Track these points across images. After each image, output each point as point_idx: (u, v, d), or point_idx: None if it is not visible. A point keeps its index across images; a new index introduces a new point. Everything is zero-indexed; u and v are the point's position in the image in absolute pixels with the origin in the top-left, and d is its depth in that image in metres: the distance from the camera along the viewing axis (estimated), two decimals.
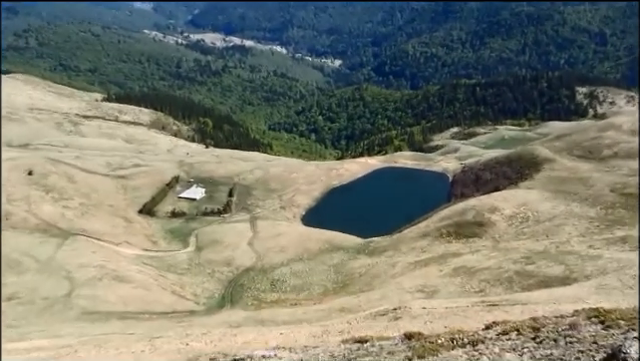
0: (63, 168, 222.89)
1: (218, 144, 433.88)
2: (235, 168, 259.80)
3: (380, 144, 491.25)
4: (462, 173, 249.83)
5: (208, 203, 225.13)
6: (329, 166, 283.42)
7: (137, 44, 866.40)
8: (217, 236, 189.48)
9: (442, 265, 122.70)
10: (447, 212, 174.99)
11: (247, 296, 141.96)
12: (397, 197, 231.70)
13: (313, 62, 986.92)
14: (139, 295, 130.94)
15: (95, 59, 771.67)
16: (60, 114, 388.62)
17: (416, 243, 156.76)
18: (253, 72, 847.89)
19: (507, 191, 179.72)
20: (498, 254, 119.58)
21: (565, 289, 75.77)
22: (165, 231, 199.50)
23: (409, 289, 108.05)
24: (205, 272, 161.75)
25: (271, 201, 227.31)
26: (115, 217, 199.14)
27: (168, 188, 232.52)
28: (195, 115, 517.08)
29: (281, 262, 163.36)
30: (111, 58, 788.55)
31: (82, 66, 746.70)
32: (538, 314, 31.50)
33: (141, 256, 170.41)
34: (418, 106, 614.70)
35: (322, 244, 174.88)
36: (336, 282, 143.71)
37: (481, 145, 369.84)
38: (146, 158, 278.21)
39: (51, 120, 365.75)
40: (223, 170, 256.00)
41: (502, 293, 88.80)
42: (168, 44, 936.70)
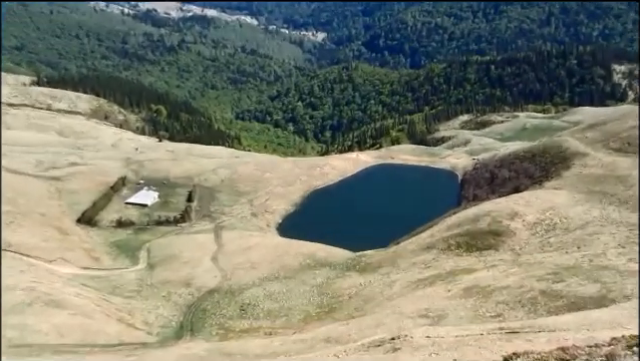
0: None
1: (174, 137, 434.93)
2: (196, 166, 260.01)
3: (373, 135, 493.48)
4: (474, 170, 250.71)
5: (163, 210, 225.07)
6: (311, 163, 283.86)
7: (73, 15, 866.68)
8: (174, 251, 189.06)
9: (450, 284, 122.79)
10: (456, 219, 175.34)
11: (211, 324, 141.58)
12: (394, 202, 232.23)
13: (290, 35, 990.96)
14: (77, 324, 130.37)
15: (22, 33, 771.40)
16: None
17: (418, 258, 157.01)
18: (217, 48, 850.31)
19: (530, 193, 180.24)
20: (519, 270, 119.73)
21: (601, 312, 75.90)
22: (110, 245, 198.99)
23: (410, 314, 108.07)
24: (159, 295, 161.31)
25: (240, 207, 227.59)
26: (47, 228, 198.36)
27: (113, 192, 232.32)
28: (146, 101, 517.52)
29: (253, 282, 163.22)
30: (41, 32, 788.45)
31: (5, 42, 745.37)
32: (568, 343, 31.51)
33: (79, 276, 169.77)
34: (419, 88, 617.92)
35: (303, 259, 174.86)
36: (320, 306, 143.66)
37: (498, 136, 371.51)
38: (85, 155, 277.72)
39: None
40: (181, 169, 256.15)
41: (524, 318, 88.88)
42: (112, 15, 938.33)
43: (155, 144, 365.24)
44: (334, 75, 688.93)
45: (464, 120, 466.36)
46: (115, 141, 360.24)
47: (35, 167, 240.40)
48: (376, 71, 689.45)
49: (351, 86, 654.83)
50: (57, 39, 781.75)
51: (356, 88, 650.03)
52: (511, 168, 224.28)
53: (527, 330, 65.22)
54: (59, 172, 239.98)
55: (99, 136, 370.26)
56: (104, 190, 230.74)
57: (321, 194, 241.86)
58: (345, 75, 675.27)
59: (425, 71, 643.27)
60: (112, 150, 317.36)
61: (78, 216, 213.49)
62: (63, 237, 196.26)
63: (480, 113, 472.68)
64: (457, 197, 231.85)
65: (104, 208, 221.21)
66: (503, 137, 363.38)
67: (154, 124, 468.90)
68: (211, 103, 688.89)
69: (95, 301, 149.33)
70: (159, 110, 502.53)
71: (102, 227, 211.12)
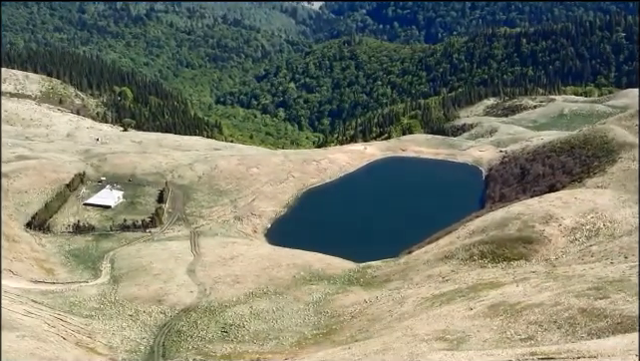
0: None
1: (143, 125, 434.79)
2: (168, 160, 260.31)
3: (381, 123, 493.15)
4: (501, 165, 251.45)
5: (129, 213, 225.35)
6: (306, 156, 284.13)
7: None
8: (143, 261, 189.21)
9: (472, 301, 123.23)
10: (479, 224, 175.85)
11: (187, 348, 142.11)
12: (406, 203, 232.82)
13: (281, 4, 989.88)
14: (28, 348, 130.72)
15: None
16: None
17: (434, 270, 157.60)
18: (193, 18, 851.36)
19: (568, 193, 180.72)
20: (555, 285, 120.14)
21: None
22: (66, 254, 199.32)
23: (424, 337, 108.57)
24: (125, 314, 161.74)
25: (221, 209, 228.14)
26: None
27: (70, 192, 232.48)
28: (108, 82, 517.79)
29: (237, 299, 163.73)
30: None
31: None
32: None
33: (29, 291, 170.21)
34: (436, 67, 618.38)
35: (296, 272, 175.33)
36: (317, 327, 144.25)
37: (530, 124, 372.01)
38: (35, 146, 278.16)
39: None
40: (150, 163, 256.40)
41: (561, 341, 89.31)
42: None
43: (119, 133, 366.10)
44: (333, 51, 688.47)
45: (489, 104, 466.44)
46: (71, 130, 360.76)
47: None
48: (384, 46, 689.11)
49: (354, 64, 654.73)
50: None
51: (360, 66, 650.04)
52: (546, 162, 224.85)
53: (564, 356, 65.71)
54: (4, 167, 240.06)
55: (52, 124, 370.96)
56: (58, 189, 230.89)
57: (318, 194, 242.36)
58: (347, 51, 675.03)
59: (442, 46, 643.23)
60: (67, 140, 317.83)
61: (27, 220, 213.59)
62: (9, 245, 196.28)
63: (509, 96, 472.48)
64: (480, 198, 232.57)
65: (58, 211, 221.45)
66: (537, 124, 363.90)
67: (117, 109, 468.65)
68: (187, 84, 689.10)
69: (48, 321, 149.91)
70: (123, 92, 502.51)
71: (56, 233, 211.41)
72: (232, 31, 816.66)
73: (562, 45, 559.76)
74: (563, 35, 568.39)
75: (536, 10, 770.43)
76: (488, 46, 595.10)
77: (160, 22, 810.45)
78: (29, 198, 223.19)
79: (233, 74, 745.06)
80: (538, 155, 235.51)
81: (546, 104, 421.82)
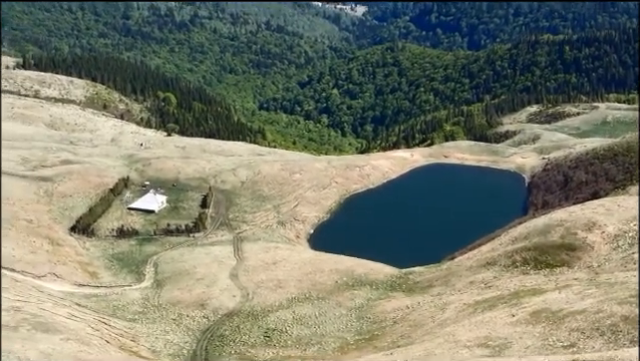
0: None
1: (186, 130, 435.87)
2: (211, 165, 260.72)
3: (423, 130, 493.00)
4: (544, 172, 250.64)
5: (172, 218, 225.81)
6: (349, 162, 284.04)
7: None
8: (186, 265, 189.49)
9: (514, 308, 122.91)
10: (522, 231, 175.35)
11: (230, 353, 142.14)
12: (449, 209, 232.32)
13: (324, 9, 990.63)
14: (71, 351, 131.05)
15: (3, 7, 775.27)
16: None
17: (476, 276, 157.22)
18: (236, 24, 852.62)
19: (611, 200, 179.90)
20: (597, 292, 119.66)
21: None
22: (110, 258, 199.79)
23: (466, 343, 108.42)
24: (169, 318, 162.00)
25: (264, 214, 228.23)
26: (35, 238, 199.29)
27: (114, 196, 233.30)
28: (152, 88, 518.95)
29: (279, 303, 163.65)
30: (27, 5, 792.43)
31: None
32: None
33: (73, 294, 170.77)
34: (479, 74, 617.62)
35: (339, 277, 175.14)
36: (359, 333, 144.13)
37: (573, 131, 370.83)
38: (80, 151, 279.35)
39: None
40: (194, 168, 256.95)
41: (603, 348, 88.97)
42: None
43: (162, 138, 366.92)
44: (376, 57, 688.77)
45: (532, 111, 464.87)
46: (115, 135, 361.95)
47: (20, 165, 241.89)
48: (426, 52, 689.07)
49: (397, 70, 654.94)
50: (46, 13, 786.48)
51: (403, 73, 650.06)
52: (589, 169, 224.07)
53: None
54: (49, 171, 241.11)
55: (96, 129, 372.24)
56: (102, 194, 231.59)
57: (360, 200, 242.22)
58: (389, 57, 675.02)
59: (485, 53, 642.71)
60: (111, 145, 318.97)
61: (72, 224, 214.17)
62: (54, 249, 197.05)
63: (552, 103, 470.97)
64: (523, 204, 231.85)
65: (102, 215, 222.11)
66: (580, 132, 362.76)
67: (161, 115, 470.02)
68: (230, 90, 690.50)
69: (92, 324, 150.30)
70: (167, 98, 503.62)
71: (100, 237, 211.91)
72: (275, 37, 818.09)
73: (605, 52, 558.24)
74: (606, 42, 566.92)
75: (580, 17, 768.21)
76: (531, 53, 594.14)
77: (204, 28, 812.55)
78: (73, 203, 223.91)
79: (276, 80, 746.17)
80: (581, 162, 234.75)
81: (589, 111, 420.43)
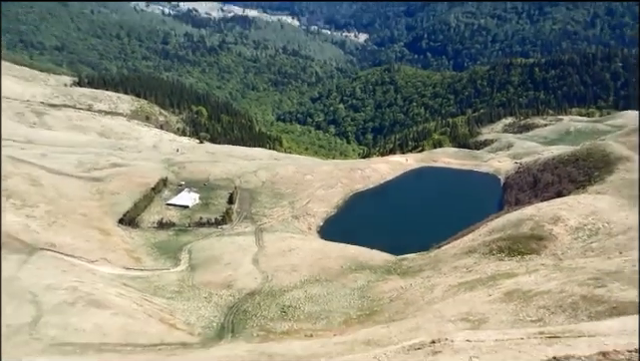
0: (26, 168, 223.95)
1: (215, 138, 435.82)
2: (236, 168, 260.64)
3: (415, 138, 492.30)
4: (516, 174, 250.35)
5: (204, 212, 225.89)
6: (352, 165, 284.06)
7: (114, 15, 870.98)
8: (215, 252, 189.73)
9: (491, 289, 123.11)
10: (498, 224, 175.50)
11: (252, 326, 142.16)
12: (436, 205, 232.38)
13: (332, 36, 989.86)
14: (120, 324, 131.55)
15: (62, 34, 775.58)
16: (21, 102, 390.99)
17: (459, 262, 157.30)
18: (258, 49, 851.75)
19: (573, 198, 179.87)
20: (561, 275, 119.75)
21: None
22: (151, 246, 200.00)
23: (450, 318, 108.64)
24: (201, 296, 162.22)
25: (281, 210, 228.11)
26: (89, 229, 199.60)
27: (154, 194, 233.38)
28: (187, 102, 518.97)
29: (294, 284, 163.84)
30: (82, 32, 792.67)
31: (47, 42, 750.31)
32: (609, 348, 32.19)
33: (121, 276, 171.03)
34: (462, 91, 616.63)
35: (344, 263, 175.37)
36: (361, 309, 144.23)
37: (541, 139, 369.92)
38: (126, 155, 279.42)
39: (9, 109, 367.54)
40: (221, 170, 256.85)
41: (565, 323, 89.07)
42: (153, 14, 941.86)
43: (195, 145, 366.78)
44: (376, 77, 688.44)
45: (507, 123, 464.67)
46: (155, 142, 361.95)
47: (76, 167, 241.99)
48: (418, 73, 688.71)
49: (393, 88, 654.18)
50: (98, 39, 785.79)
51: (398, 90, 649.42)
52: (555, 172, 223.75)
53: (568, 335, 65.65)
54: (100, 172, 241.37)
55: (140, 137, 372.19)
56: (145, 192, 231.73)
57: (362, 198, 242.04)
58: (387, 77, 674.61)
59: (468, 73, 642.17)
60: (152, 151, 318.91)
61: (119, 217, 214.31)
62: (104, 238, 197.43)
63: (524, 116, 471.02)
64: (499, 201, 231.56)
65: (145, 210, 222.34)
66: (547, 140, 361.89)
67: (194, 125, 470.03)
68: (252, 104, 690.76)
69: (136, 301, 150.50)
70: (199, 111, 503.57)
71: (143, 228, 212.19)
72: (291, 60, 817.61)
73: (569, 73, 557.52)
74: (570, 65, 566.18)
75: (547, 43, 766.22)
76: (507, 73, 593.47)
77: (231, 52, 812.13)
78: (120, 199, 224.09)
79: (291, 96, 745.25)
80: (548, 166, 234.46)
81: (555, 123, 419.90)
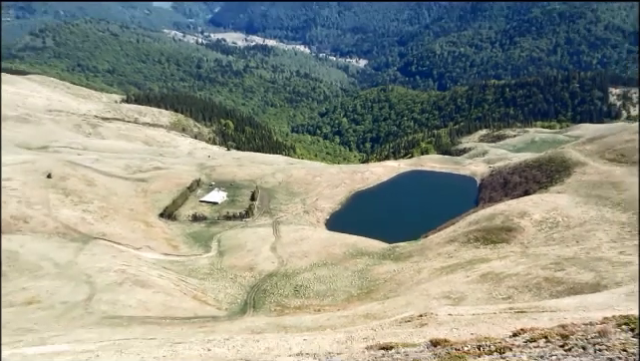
0: (82, 171, 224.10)
1: (240, 146, 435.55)
2: (257, 171, 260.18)
3: (406, 146, 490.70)
4: (490, 176, 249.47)
5: (230, 207, 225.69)
6: (353, 169, 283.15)
7: (156, 43, 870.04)
8: (239, 241, 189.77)
9: (469, 272, 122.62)
10: (474, 217, 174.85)
11: (270, 302, 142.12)
12: (424, 202, 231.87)
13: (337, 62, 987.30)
14: (160, 300, 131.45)
15: (113, 59, 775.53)
16: (78, 115, 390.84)
17: (442, 249, 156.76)
18: (275, 72, 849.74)
19: (537, 196, 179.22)
20: (527, 260, 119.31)
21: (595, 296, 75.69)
22: (186, 236, 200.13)
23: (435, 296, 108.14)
24: (227, 277, 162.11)
25: (294, 206, 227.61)
26: (134, 221, 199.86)
27: (189, 192, 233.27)
28: (216, 116, 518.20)
29: (304, 268, 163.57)
30: (129, 58, 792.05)
31: (100, 66, 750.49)
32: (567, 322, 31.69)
33: (161, 261, 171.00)
34: (445, 107, 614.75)
35: (346, 249, 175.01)
36: (360, 288, 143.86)
37: (511, 148, 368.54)
38: (166, 160, 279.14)
39: (69, 122, 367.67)
40: (245, 173, 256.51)
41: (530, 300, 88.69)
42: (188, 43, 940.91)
43: (224, 152, 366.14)
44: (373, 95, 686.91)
45: (482, 134, 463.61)
46: (190, 149, 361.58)
47: (124, 170, 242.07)
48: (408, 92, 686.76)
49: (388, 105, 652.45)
50: (142, 64, 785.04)
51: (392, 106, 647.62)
52: (522, 174, 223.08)
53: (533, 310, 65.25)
54: (144, 174, 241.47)
55: (177, 145, 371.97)
56: (181, 190, 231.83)
57: (362, 195, 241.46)
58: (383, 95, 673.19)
59: (450, 93, 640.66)
60: (188, 157, 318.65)
61: (160, 212, 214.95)
62: (147, 229, 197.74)
63: (496, 128, 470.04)
64: (475, 199, 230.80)
65: (181, 205, 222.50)
66: (515, 148, 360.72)
67: (223, 135, 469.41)
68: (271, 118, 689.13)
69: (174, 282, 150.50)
70: (227, 124, 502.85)
71: (180, 221, 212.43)
72: (303, 81, 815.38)
73: (534, 92, 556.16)
74: (535, 85, 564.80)
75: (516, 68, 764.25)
76: (482, 93, 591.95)
77: (253, 75, 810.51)
78: (161, 196, 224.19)
79: (303, 111, 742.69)
80: (516, 169, 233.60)
81: (522, 134, 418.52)
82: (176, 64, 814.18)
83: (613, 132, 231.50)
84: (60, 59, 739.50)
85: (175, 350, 60.77)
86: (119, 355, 60.96)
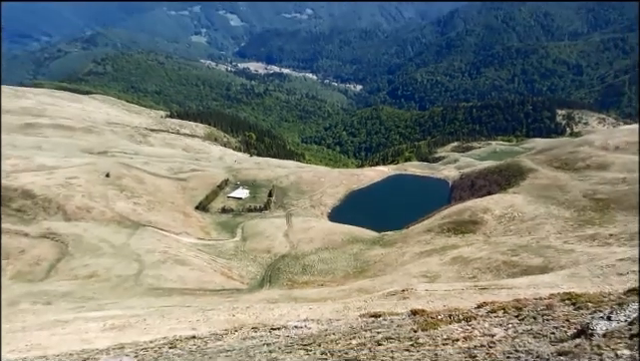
0: (134, 171, 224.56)
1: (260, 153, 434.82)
2: (274, 173, 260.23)
3: (393, 155, 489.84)
4: (460, 180, 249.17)
5: (252, 202, 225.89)
6: (351, 172, 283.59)
7: (193, 70, 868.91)
8: (259, 229, 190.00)
9: (442, 256, 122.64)
10: (447, 212, 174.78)
11: (283, 278, 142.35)
12: (406, 199, 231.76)
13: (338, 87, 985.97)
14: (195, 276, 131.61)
15: (159, 83, 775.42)
16: (131, 127, 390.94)
17: (421, 237, 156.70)
18: (289, 95, 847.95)
19: (498, 196, 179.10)
20: (489, 247, 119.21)
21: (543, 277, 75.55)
22: (216, 224, 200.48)
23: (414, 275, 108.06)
24: (249, 258, 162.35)
25: (303, 201, 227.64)
26: (175, 212, 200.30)
27: (219, 189, 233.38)
28: (242, 129, 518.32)
29: (311, 251, 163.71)
30: (172, 82, 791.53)
31: (149, 88, 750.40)
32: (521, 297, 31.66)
33: (196, 244, 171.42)
34: (424, 124, 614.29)
35: (344, 237, 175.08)
36: (355, 268, 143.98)
37: (477, 157, 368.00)
38: (201, 164, 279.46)
39: (124, 132, 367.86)
40: (264, 174, 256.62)
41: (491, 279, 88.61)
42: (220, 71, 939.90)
43: (247, 158, 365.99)
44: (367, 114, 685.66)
45: (454, 145, 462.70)
46: (221, 155, 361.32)
47: (168, 171, 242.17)
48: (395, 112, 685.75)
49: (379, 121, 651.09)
50: (183, 87, 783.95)
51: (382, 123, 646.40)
52: (485, 178, 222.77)
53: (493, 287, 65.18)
54: (183, 175, 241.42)
55: (210, 152, 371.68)
56: (213, 188, 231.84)
57: (357, 194, 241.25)
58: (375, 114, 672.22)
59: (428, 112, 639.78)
60: (219, 161, 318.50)
61: (196, 205, 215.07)
62: (185, 218, 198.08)
63: (465, 141, 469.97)
64: (448, 198, 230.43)
65: (213, 200, 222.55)
66: (480, 157, 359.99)
67: (246, 144, 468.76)
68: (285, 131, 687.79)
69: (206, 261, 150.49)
70: (250, 135, 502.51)
71: (211, 212, 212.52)
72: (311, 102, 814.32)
73: (496, 113, 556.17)
74: (496, 107, 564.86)
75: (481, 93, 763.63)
76: (454, 113, 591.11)
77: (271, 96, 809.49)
78: (197, 193, 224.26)
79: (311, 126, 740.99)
80: (481, 174, 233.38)
81: (486, 146, 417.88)
82: (210, 87, 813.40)
83: (559, 145, 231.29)
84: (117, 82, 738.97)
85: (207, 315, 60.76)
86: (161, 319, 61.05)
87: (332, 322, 32.11)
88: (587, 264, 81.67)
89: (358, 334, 26.03)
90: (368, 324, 28.32)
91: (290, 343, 26.94)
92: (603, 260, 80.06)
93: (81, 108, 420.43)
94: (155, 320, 59.26)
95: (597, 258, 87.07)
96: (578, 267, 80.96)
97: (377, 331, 25.89)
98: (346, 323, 30.40)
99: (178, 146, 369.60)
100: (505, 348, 19.72)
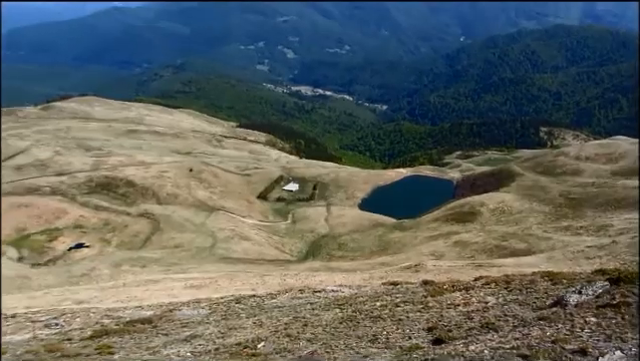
0: (211, 168, 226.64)
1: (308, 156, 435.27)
2: (318, 171, 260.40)
3: (410, 160, 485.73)
4: (462, 180, 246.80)
5: (300, 194, 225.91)
6: (377, 172, 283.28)
7: (258, 92, 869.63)
8: (305, 215, 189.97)
9: (446, 239, 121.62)
10: (451, 205, 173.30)
11: (323, 253, 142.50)
12: (419, 195, 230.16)
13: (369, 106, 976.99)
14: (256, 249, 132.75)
15: (232, 100, 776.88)
16: (210, 134, 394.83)
17: (430, 225, 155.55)
18: (331, 111, 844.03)
19: (492, 193, 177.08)
20: (484, 234, 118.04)
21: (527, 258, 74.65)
22: (273, 210, 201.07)
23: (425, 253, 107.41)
24: (297, 236, 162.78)
25: (340, 194, 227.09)
26: (241, 200, 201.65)
27: (276, 183, 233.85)
28: (294, 137, 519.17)
29: (344, 233, 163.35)
30: (242, 100, 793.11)
31: (224, 105, 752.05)
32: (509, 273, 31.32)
33: (257, 225, 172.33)
34: (435, 136, 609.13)
35: (370, 222, 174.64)
36: (379, 247, 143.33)
37: (476, 163, 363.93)
38: (262, 164, 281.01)
39: (204, 138, 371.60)
40: (310, 172, 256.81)
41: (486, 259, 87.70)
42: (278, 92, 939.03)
43: (297, 159, 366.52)
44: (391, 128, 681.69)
45: (458, 154, 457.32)
46: (277, 157, 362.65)
47: (236, 168, 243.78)
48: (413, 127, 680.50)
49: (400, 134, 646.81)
50: (249, 104, 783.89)
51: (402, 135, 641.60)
52: (483, 180, 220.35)
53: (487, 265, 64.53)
54: (248, 172, 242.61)
55: (269, 154, 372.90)
56: (271, 182, 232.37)
57: (381, 189, 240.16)
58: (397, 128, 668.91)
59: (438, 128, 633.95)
60: (275, 162, 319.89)
61: (257, 195, 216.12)
62: (249, 205, 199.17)
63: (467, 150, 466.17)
64: (452, 194, 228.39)
65: (270, 191, 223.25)
66: (479, 163, 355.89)
67: (297, 149, 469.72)
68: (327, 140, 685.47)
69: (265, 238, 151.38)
70: (300, 142, 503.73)
71: (269, 201, 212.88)
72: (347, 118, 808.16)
73: (492, 129, 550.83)
74: (493, 125, 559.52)
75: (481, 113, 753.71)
76: (459, 128, 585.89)
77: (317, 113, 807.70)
78: (258, 186, 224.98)
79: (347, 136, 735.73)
80: (479, 177, 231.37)
81: (483, 155, 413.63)
82: (270, 104, 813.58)
83: (541, 155, 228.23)
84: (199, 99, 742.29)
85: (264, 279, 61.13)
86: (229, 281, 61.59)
87: (360, 288, 32.11)
88: (562, 250, 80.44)
89: (381, 298, 26.02)
90: (388, 290, 28.27)
91: (328, 303, 27.07)
92: (575, 247, 78.82)
93: (171, 118, 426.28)
94: (224, 282, 59.93)
95: (570, 245, 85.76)
96: (555, 252, 79.75)
97: (395, 296, 25.87)
98: (371, 289, 30.37)
99: (245, 149, 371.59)
100: (496, 312, 19.55)
